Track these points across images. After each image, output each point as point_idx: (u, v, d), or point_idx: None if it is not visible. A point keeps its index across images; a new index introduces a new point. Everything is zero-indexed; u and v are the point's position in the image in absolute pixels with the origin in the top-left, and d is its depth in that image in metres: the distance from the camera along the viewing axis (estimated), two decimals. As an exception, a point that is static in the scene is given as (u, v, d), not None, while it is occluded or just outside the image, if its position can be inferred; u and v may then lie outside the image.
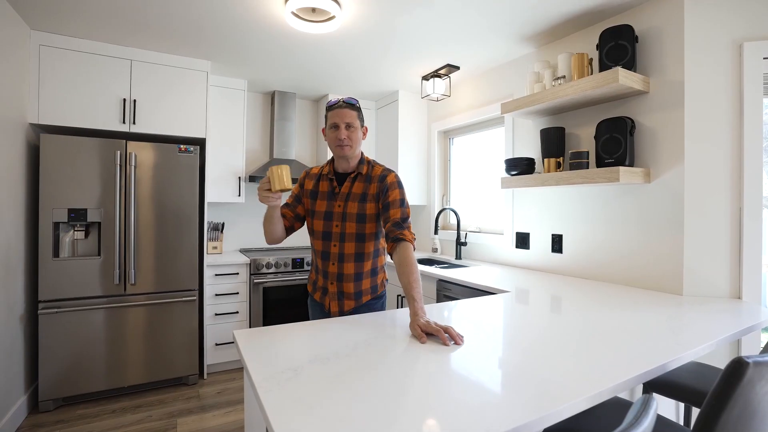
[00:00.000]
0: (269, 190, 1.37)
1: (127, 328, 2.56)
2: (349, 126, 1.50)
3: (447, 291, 2.32)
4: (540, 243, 2.48)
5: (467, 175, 3.27)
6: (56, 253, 2.42)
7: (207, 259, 2.89)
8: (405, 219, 1.47)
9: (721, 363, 1.75)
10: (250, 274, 2.96)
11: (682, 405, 1.78)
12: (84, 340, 2.44)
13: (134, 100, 2.64)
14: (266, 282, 3.01)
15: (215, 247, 3.25)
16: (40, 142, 2.37)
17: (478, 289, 2.08)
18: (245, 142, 3.30)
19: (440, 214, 3.25)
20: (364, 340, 1.14)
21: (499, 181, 2.54)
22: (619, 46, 1.90)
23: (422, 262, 3.12)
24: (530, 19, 2.14)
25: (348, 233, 1.55)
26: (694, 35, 1.79)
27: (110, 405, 2.46)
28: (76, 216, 2.44)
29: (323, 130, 1.60)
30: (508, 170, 2.36)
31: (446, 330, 1.14)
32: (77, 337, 2.43)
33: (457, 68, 2.86)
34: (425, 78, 3.03)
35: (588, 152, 2.03)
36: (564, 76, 2.10)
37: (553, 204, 2.40)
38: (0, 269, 2.04)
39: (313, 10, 2.07)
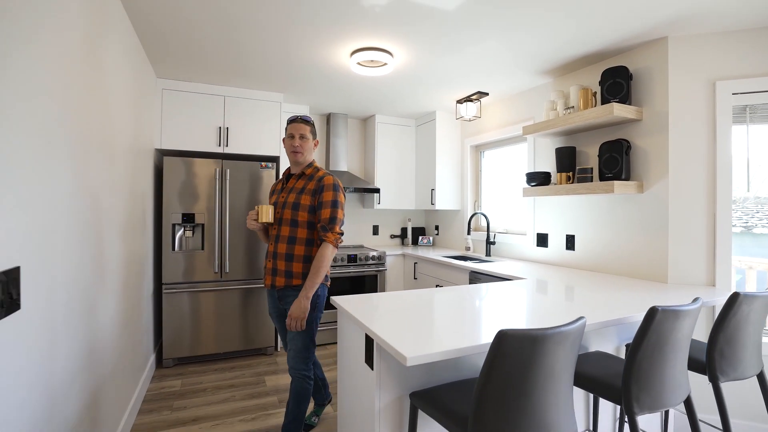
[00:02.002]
0: (256, 220, 1.94)
1: (223, 307, 3.27)
2: (302, 137, 1.96)
3: (477, 280, 2.85)
4: (556, 242, 2.96)
5: (496, 183, 3.78)
6: (173, 247, 3.16)
7: (280, 254, 3.56)
8: (333, 219, 1.88)
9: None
10: (314, 267, 3.62)
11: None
12: (192, 314, 3.17)
13: (227, 128, 3.37)
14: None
15: (284, 245, 3.92)
16: (162, 163, 3.12)
17: (501, 278, 2.60)
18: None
19: (472, 218, 3.77)
20: (411, 301, 1.71)
21: (521, 190, 3.04)
22: (616, 83, 2.37)
23: (457, 258, 3.65)
24: (548, 58, 2.64)
25: (285, 218, 1.94)
26: (676, 75, 2.24)
27: (212, 365, 3.17)
28: (187, 219, 3.18)
29: (284, 140, 2.02)
30: (528, 181, 2.86)
31: (300, 320, 1.82)
32: (187, 312, 3.16)
33: (486, 94, 3.38)
34: (459, 102, 3.57)
35: (592, 168, 2.51)
36: (573, 107, 2.59)
37: (567, 210, 2.87)
38: (141, 260, 2.78)
39: (372, 59, 2.67)
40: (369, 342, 1.44)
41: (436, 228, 4.56)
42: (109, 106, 1.82)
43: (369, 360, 1.44)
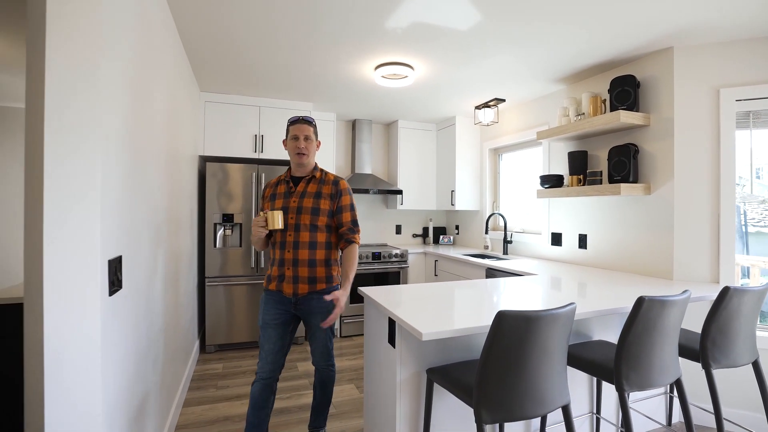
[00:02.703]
0: (264, 227, 1.81)
1: (257, 299, 3.58)
2: (306, 138, 1.86)
3: (493, 277, 3.04)
4: (570, 241, 3.11)
5: (513, 185, 3.94)
6: (214, 244, 3.49)
7: (309, 251, 3.85)
8: (355, 222, 1.90)
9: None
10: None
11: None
12: (230, 305, 3.50)
13: (262, 135, 3.68)
14: (352, 269, 3.92)
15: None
16: (205, 168, 3.46)
17: (515, 274, 2.78)
18: (335, 160, 4.24)
19: (490, 218, 3.95)
20: (429, 291, 1.94)
21: (535, 191, 3.20)
22: (624, 91, 2.52)
23: (475, 256, 3.84)
24: (560, 68, 2.81)
25: (302, 224, 1.85)
26: (681, 83, 2.37)
27: (248, 352, 3.48)
28: (227, 218, 3.51)
29: (284, 141, 1.93)
30: (542, 183, 3.03)
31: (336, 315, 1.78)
32: (227, 303, 3.49)
33: (503, 100, 3.56)
34: (477, 108, 3.76)
35: (601, 171, 2.66)
36: (584, 113, 2.74)
37: (580, 210, 3.02)
38: (189, 255, 3.11)
39: (395, 73, 2.91)
40: (391, 324, 1.68)
41: (457, 228, 4.75)
42: (171, 122, 2.13)
43: (391, 340, 1.68)
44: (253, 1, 1.96)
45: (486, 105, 3.67)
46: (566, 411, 1.41)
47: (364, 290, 1.98)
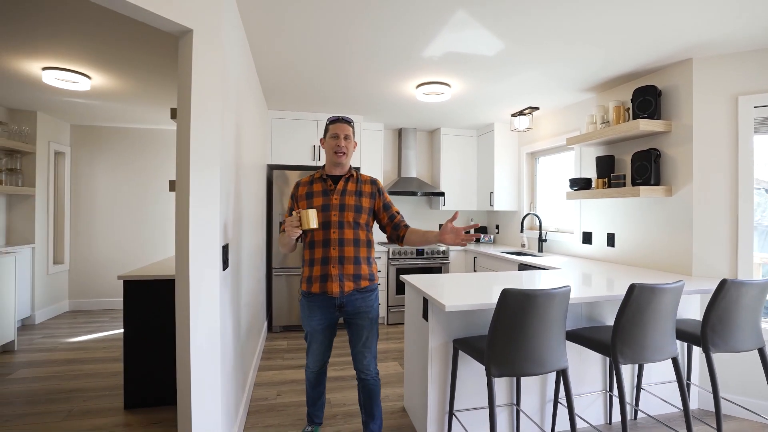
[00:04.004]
0: (298, 227, 1.72)
1: (316, 288, 4.11)
2: (346, 137, 1.88)
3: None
4: (599, 240, 3.32)
5: (549, 186, 4.16)
6: (279, 240, 4.08)
7: (359, 247, 4.35)
8: (400, 212, 2.01)
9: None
10: (388, 258, 4.33)
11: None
12: (291, 293, 4.06)
13: (319, 146, 4.22)
14: (398, 264, 4.35)
15: (362, 240, 4.70)
16: (272, 175, 4.06)
17: (543, 269, 3.06)
18: (382, 165, 4.70)
19: (525, 218, 4.20)
20: (459, 279, 2.31)
21: (564, 194, 3.44)
22: (645, 100, 2.72)
23: (511, 253, 4.11)
24: (587, 80, 3.05)
25: (346, 221, 1.85)
26: (700, 91, 2.54)
27: (308, 333, 4.03)
28: (289, 218, 4.08)
29: (321, 140, 1.96)
30: (570, 186, 3.27)
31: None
32: (288, 291, 4.06)
33: (537, 108, 3.82)
34: (513, 115, 4.04)
35: (624, 175, 2.87)
36: (609, 121, 2.97)
37: (608, 211, 3.23)
38: (261, 249, 3.71)
39: (433, 90, 3.30)
40: (425, 302, 2.08)
41: (497, 227, 5.02)
42: (250, 140, 2.69)
43: (425, 315, 2.09)
44: (317, 44, 2.46)
45: (521, 113, 3.94)
46: (564, 374, 1.74)
47: (405, 278, 2.40)
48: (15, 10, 2.05)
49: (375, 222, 2.02)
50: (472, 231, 1.70)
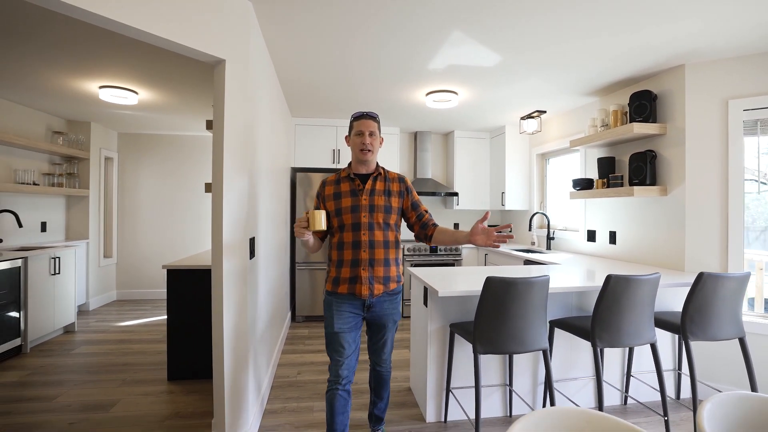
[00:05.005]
0: (306, 228, 1.67)
1: (335, 282, 4.44)
2: (371, 134, 1.77)
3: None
4: (602, 237, 3.47)
5: (558, 186, 4.31)
6: (302, 237, 4.43)
7: (376, 244, 4.64)
8: (428, 212, 1.92)
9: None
10: (404, 255, 4.60)
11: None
12: (312, 285, 4.40)
13: (339, 149, 4.54)
14: (413, 260, 4.61)
15: (379, 238, 5.00)
16: (295, 177, 4.41)
17: (544, 264, 3.25)
18: (399, 167, 4.96)
19: (533, 217, 4.36)
20: (458, 271, 2.55)
21: (568, 194, 3.60)
22: (641, 104, 2.87)
23: (520, 251, 4.29)
24: (586, 85, 3.21)
25: (376, 222, 1.78)
26: (692, 96, 2.68)
27: (328, 323, 4.36)
28: (311, 217, 4.42)
29: (346, 137, 1.86)
30: (573, 186, 3.44)
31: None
32: (311, 284, 4.40)
33: (544, 111, 3.99)
34: (522, 118, 4.21)
35: (622, 175, 3.02)
36: (607, 124, 3.12)
37: (610, 210, 3.37)
38: (285, 245, 4.06)
39: (441, 98, 3.54)
40: (425, 291, 2.35)
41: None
42: (275, 145, 3.03)
43: (425, 302, 2.35)
44: (332, 61, 2.76)
45: (529, 116, 4.12)
46: (545, 354, 1.96)
47: (411, 270, 2.67)
48: (79, 41, 2.46)
49: (403, 220, 1.95)
50: (504, 231, 1.72)
